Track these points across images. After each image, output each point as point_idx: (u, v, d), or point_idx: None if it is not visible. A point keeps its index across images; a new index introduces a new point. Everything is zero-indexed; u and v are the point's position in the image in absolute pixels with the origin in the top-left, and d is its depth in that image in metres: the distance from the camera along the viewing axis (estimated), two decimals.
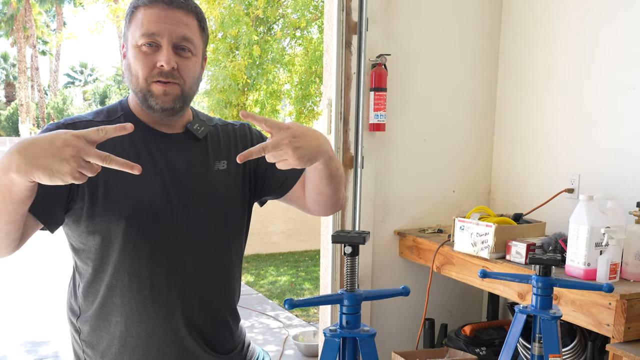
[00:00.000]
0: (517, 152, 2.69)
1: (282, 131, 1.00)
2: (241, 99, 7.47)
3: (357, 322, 1.13)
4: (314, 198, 1.25)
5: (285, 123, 1.02)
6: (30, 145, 0.88)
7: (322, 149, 1.07)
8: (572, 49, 2.38)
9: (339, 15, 2.40)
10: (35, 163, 0.87)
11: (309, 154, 1.03)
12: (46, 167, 0.87)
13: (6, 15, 25.82)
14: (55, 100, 29.12)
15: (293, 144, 0.99)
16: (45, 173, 0.87)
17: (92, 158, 0.89)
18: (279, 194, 1.32)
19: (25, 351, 3.88)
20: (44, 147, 0.87)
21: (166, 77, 1.12)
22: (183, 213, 1.17)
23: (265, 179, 1.30)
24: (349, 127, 2.47)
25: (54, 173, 0.87)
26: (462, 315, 2.84)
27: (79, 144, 0.88)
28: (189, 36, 1.14)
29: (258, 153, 0.99)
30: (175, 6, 1.13)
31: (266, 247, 7.11)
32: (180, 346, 1.20)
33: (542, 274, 1.41)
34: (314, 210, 1.30)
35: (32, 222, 1.09)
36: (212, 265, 1.23)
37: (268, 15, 7.30)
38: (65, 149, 0.87)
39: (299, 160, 1.01)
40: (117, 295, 1.16)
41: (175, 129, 1.22)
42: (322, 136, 1.10)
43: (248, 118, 1.00)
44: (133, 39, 1.13)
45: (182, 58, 1.14)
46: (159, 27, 1.11)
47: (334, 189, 1.21)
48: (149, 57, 1.12)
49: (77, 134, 0.89)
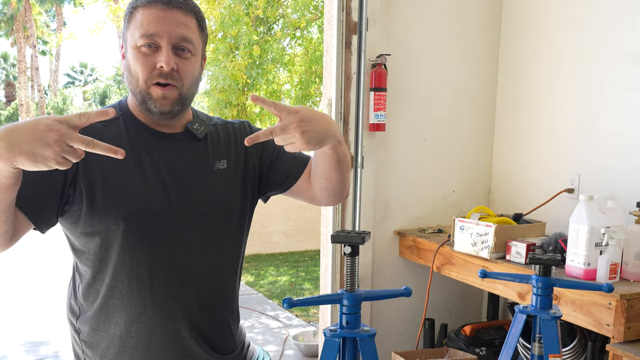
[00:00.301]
0: (517, 152, 2.69)
1: (290, 115, 1.00)
2: (241, 99, 7.47)
3: (357, 322, 1.13)
4: (322, 185, 1.25)
5: (294, 107, 1.01)
6: (12, 132, 0.88)
7: (330, 133, 1.07)
8: (572, 48, 2.38)
9: (339, 15, 2.40)
10: (18, 149, 0.87)
11: (317, 137, 1.03)
12: (29, 153, 0.87)
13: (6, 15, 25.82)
14: (55, 100, 29.12)
15: (301, 128, 0.99)
16: (29, 159, 0.87)
17: (75, 143, 0.89)
18: (285, 188, 1.32)
19: (25, 351, 3.88)
20: (26, 133, 0.87)
21: (165, 79, 1.12)
22: (183, 213, 1.17)
23: (270, 174, 1.30)
24: (349, 127, 2.47)
25: (38, 158, 0.87)
26: (462, 315, 2.84)
27: (61, 129, 0.88)
28: (188, 36, 1.13)
29: (265, 136, 0.99)
30: (175, 6, 1.12)
31: (266, 247, 7.11)
32: (181, 346, 1.20)
33: (542, 274, 1.41)
34: (321, 198, 1.29)
35: (24, 221, 1.08)
36: (212, 265, 1.22)
37: (268, 15, 7.30)
38: (48, 134, 0.87)
39: (306, 144, 1.01)
40: (116, 296, 1.16)
41: (175, 129, 1.22)
42: (332, 120, 1.09)
43: (258, 101, 1.00)
44: (132, 40, 1.12)
45: (182, 59, 1.13)
46: (158, 28, 1.10)
47: (341, 174, 1.21)
48: (148, 58, 1.12)
49: (60, 118, 0.89)
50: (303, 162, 1.29)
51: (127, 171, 1.12)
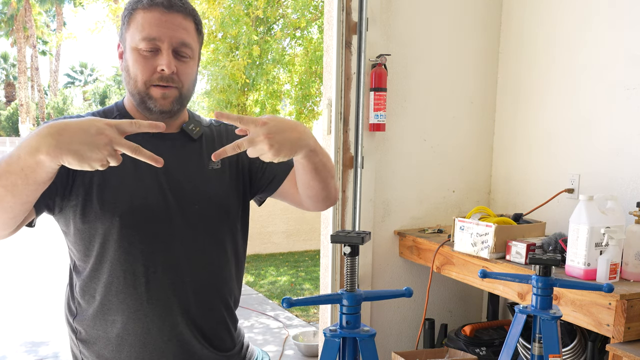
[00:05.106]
0: (517, 152, 2.69)
1: (258, 127, 0.99)
2: (241, 99, 7.47)
3: (357, 322, 1.13)
4: (304, 192, 1.26)
5: (262, 118, 1.01)
6: (62, 130, 0.90)
7: (302, 143, 1.06)
8: (572, 48, 2.37)
9: (339, 15, 2.40)
10: (68, 148, 0.89)
11: (287, 148, 1.02)
12: (77, 153, 0.90)
13: (6, 15, 25.83)
14: (55, 100, 29.12)
15: (269, 140, 0.99)
16: (76, 158, 0.90)
17: (123, 148, 0.92)
18: (270, 191, 1.34)
19: (25, 351, 3.88)
20: (77, 133, 0.90)
21: (166, 82, 1.15)
22: (177, 210, 1.19)
23: (258, 177, 1.32)
24: (349, 127, 2.47)
25: (84, 159, 0.90)
26: (462, 315, 2.84)
27: (111, 134, 0.91)
28: (187, 41, 1.16)
29: (232, 150, 0.99)
30: (175, 10, 1.14)
31: (266, 247, 7.11)
32: (178, 342, 1.20)
33: (542, 274, 1.41)
34: (307, 204, 1.31)
35: (31, 211, 1.09)
36: (207, 262, 1.24)
37: (268, 15, 7.30)
38: (99, 137, 0.90)
39: (276, 155, 1.01)
40: (113, 293, 1.17)
41: (170, 129, 1.24)
42: (304, 129, 1.09)
43: (222, 118, 1.00)
44: (132, 42, 1.14)
45: (181, 62, 1.16)
46: (160, 32, 1.12)
47: (321, 182, 1.21)
48: (149, 61, 1.13)
49: (111, 122, 0.92)
50: (287, 167, 1.30)
51: (123, 169, 1.13)
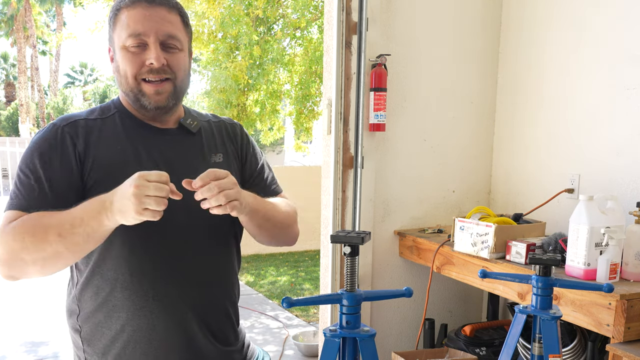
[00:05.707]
0: (517, 152, 2.69)
1: None
2: (241, 99, 7.46)
3: (357, 322, 1.13)
4: (254, 237, 1.35)
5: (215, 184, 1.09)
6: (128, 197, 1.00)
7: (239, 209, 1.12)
8: (572, 48, 2.37)
9: (339, 15, 2.39)
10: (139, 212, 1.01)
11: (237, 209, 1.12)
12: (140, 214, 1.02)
13: (6, 15, 25.80)
14: (55, 100, 29.10)
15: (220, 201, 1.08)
16: (136, 219, 1.02)
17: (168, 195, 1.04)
18: None
19: (25, 351, 3.88)
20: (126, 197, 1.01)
21: (158, 74, 1.15)
22: (181, 204, 1.18)
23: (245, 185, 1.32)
24: (349, 127, 2.47)
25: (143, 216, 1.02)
26: (462, 315, 2.84)
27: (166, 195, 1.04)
28: (174, 33, 1.16)
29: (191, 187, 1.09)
30: (157, 4, 1.15)
31: (266, 247, 7.10)
32: (184, 338, 1.20)
33: (542, 274, 1.41)
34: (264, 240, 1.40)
35: None
36: (211, 255, 1.24)
37: (268, 15, 7.29)
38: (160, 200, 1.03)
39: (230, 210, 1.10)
40: (118, 290, 1.17)
41: (168, 124, 1.25)
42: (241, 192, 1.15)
43: (188, 186, 1.09)
44: (120, 41, 1.15)
45: (170, 54, 1.16)
46: (145, 27, 1.13)
47: (273, 227, 1.31)
48: (137, 56, 1.14)
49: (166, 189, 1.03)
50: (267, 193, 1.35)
51: (127, 166, 1.14)
